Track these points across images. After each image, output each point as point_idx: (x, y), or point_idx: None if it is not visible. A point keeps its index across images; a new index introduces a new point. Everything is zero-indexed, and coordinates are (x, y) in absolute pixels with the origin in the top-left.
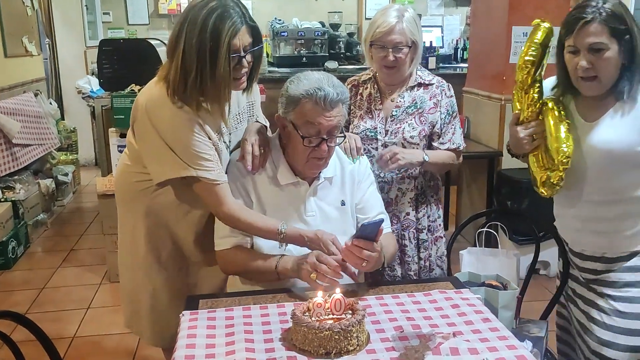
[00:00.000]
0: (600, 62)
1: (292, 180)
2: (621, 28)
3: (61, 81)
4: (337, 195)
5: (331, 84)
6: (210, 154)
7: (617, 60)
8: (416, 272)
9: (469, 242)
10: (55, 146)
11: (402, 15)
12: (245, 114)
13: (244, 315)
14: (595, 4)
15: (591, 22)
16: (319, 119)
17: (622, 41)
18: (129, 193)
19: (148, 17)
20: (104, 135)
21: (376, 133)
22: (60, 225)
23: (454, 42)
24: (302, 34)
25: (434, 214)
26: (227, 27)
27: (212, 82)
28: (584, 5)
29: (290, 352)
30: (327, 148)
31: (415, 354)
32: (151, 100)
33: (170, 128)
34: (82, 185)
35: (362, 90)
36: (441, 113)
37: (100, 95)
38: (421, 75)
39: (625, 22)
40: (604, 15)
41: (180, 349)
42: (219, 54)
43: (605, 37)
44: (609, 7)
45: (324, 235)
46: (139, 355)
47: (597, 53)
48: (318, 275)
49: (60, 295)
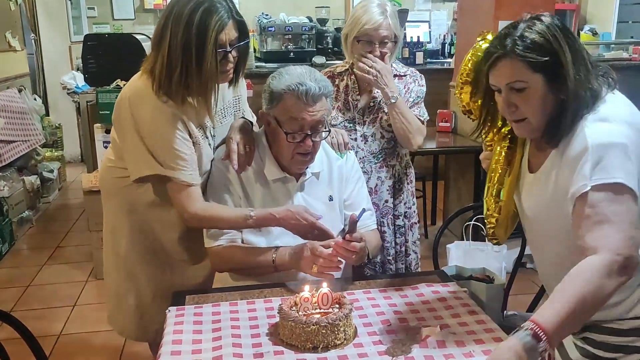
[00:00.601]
0: (523, 103)
1: (279, 176)
2: (542, 60)
3: (46, 77)
4: (325, 190)
5: (313, 79)
6: (187, 154)
7: (547, 96)
8: (393, 256)
9: (456, 236)
10: (40, 142)
11: (385, 11)
12: (230, 108)
13: (231, 311)
14: (516, 32)
15: (504, 57)
16: (302, 114)
17: (550, 73)
18: (112, 189)
19: (134, 11)
20: (89, 131)
21: (354, 124)
22: (46, 222)
23: (441, 37)
24: (290, 29)
25: (409, 201)
26: (214, 22)
27: (198, 77)
28: (503, 35)
29: (277, 346)
30: (311, 143)
31: (402, 347)
32: (135, 94)
33: (151, 122)
34: (68, 182)
35: (338, 82)
36: (409, 97)
37: (86, 90)
38: (396, 67)
39: (549, 51)
40: (520, 48)
41: (167, 345)
42: (205, 50)
43: (524, 74)
44: (531, 35)
45: (296, 209)
46: (126, 353)
47: (518, 92)
48: (319, 268)
49: (46, 293)
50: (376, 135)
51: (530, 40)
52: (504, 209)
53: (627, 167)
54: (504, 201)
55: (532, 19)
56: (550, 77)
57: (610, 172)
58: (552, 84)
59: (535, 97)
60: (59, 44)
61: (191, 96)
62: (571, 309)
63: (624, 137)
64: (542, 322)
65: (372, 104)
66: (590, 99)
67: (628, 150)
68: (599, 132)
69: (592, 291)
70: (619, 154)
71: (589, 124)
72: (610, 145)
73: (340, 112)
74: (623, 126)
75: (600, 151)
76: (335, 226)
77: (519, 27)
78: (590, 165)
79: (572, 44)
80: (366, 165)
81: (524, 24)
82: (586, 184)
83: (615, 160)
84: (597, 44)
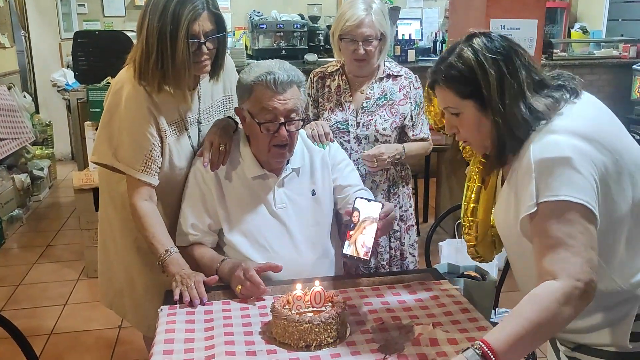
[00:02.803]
0: (460, 126)
1: (259, 173)
2: (466, 90)
3: (35, 74)
4: (307, 185)
5: (282, 68)
6: (147, 149)
7: (481, 120)
8: (388, 261)
9: (448, 234)
10: (30, 140)
11: (370, 8)
12: (219, 107)
13: (224, 309)
14: (447, 59)
15: (436, 83)
16: (273, 102)
17: (478, 99)
18: (104, 183)
19: (124, 8)
20: (80, 128)
21: (347, 126)
22: (36, 220)
23: (432, 35)
24: (282, 27)
25: (405, 204)
26: (187, 11)
27: (173, 65)
28: (439, 60)
29: (270, 345)
30: (286, 133)
31: (395, 345)
32: (118, 80)
33: (124, 109)
34: (59, 180)
35: (330, 82)
36: (411, 105)
37: (76, 88)
38: (389, 67)
39: (472, 81)
40: (443, 79)
41: (159, 344)
42: (178, 38)
43: (454, 101)
44: (458, 64)
45: (195, 277)
46: (117, 351)
47: (456, 116)
48: (242, 289)
49: (37, 291)
50: (370, 138)
51: (454, 70)
52: (482, 227)
53: (575, 181)
54: (481, 219)
55: (467, 41)
56: (479, 103)
57: (554, 189)
58: (483, 108)
59: (470, 122)
60: (49, 41)
61: (167, 84)
62: (524, 334)
63: (569, 149)
64: (493, 343)
65: (365, 105)
66: (530, 118)
67: (574, 163)
68: (543, 147)
69: (548, 318)
70: (564, 169)
71: (537, 139)
72: (553, 161)
73: (333, 113)
74: (570, 138)
75: (543, 167)
76: (321, 221)
77: (453, 53)
78: (534, 183)
79: (500, 68)
80: (360, 167)
81: (459, 48)
82: (533, 203)
83: (560, 176)
84: (587, 41)
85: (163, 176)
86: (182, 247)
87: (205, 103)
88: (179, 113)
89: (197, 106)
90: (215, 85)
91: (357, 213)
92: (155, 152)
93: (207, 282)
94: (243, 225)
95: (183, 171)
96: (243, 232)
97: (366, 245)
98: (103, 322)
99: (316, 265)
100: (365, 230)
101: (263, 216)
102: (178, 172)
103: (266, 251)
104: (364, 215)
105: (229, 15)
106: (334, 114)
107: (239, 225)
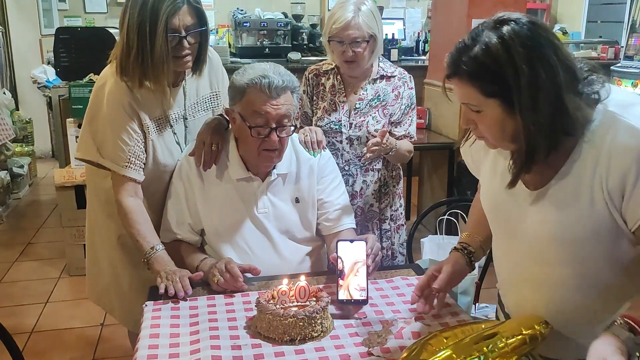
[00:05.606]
0: (480, 123)
1: (244, 175)
2: (492, 88)
3: (15, 70)
4: (292, 192)
5: (277, 72)
6: (130, 145)
7: (505, 120)
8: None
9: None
10: (9, 137)
11: (358, 9)
12: (206, 103)
13: (209, 305)
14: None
15: (454, 76)
16: (265, 107)
17: (505, 99)
18: (90, 179)
19: (106, 5)
20: (61, 125)
21: (340, 126)
22: (17, 218)
23: (415, 35)
24: (265, 25)
25: (395, 204)
26: (166, 6)
27: (152, 60)
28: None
29: (255, 339)
30: (277, 139)
31: (378, 338)
32: (102, 76)
33: (106, 105)
34: (39, 178)
35: (325, 80)
36: (401, 104)
37: (57, 85)
38: (383, 67)
39: (500, 78)
40: (466, 73)
41: (144, 339)
42: (157, 32)
43: (476, 98)
44: (483, 57)
45: (180, 272)
46: (100, 348)
47: (476, 112)
48: (219, 281)
49: (18, 289)
50: (362, 139)
51: (479, 64)
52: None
53: None
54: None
55: (495, 29)
56: (506, 103)
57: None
58: (510, 108)
59: (492, 121)
60: (28, 37)
61: (148, 80)
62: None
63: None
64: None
65: (358, 107)
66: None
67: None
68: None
69: None
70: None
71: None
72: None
73: (327, 113)
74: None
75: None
76: (303, 228)
77: (478, 41)
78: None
79: (533, 64)
80: (352, 168)
81: (485, 36)
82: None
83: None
84: (566, 43)
85: (148, 172)
86: (167, 243)
87: (190, 99)
88: (162, 109)
89: (183, 102)
90: (201, 81)
91: (341, 260)
92: (139, 148)
93: (192, 278)
94: (224, 226)
95: (168, 167)
96: (223, 234)
97: (361, 287)
98: (85, 320)
99: (296, 272)
100: (357, 273)
101: (244, 219)
102: (163, 168)
103: (246, 254)
104: (351, 260)
105: (212, 13)
106: (328, 114)
107: (219, 227)
